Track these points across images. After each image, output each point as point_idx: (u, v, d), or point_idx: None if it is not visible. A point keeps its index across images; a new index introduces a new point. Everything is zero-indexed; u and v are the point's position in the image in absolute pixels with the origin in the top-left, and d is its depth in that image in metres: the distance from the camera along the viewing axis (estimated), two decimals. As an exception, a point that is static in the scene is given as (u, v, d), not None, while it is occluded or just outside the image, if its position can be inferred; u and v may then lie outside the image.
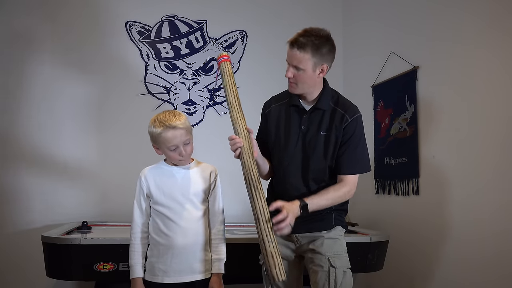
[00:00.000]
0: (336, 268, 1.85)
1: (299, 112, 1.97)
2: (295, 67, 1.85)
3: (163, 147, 1.82)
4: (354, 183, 1.93)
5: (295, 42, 1.83)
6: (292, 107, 1.98)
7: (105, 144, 3.29)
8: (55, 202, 3.14)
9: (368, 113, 3.25)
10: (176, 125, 1.78)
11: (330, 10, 3.80)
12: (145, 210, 1.86)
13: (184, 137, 1.81)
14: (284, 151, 1.96)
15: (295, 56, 1.84)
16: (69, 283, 3.05)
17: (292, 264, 1.99)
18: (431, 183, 2.70)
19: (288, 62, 1.88)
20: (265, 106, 2.09)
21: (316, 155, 1.91)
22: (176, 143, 1.80)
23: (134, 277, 1.82)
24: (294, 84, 1.90)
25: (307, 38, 1.82)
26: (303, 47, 1.81)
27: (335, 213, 1.97)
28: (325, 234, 1.93)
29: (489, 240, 2.28)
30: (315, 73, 1.87)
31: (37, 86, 3.21)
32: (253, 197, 1.77)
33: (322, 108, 1.93)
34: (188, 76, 3.51)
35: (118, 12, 3.40)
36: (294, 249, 1.99)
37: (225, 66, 2.01)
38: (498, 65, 2.28)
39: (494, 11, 2.31)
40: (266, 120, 2.05)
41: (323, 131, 1.91)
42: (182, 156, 1.83)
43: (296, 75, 1.87)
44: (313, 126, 1.93)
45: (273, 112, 2.03)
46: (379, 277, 3.00)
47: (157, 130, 1.79)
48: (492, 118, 2.30)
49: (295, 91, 1.94)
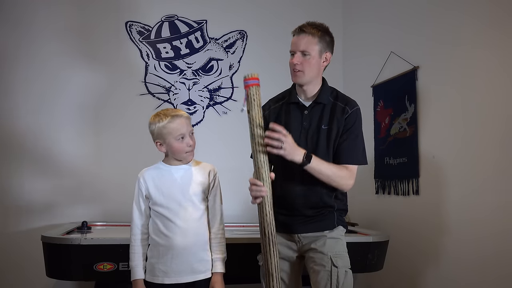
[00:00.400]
0: (338, 268, 1.85)
1: (300, 109, 1.97)
2: (302, 52, 1.87)
3: (169, 138, 1.80)
4: (354, 174, 1.92)
5: (302, 28, 1.88)
6: (291, 105, 1.98)
7: (105, 144, 3.29)
8: (55, 202, 3.15)
9: (368, 113, 3.25)
10: (181, 114, 1.83)
11: (330, 10, 3.80)
12: (144, 212, 1.86)
13: (190, 126, 1.83)
14: None
15: (302, 40, 1.87)
16: (69, 283, 3.05)
17: (292, 265, 1.99)
18: (431, 183, 2.70)
19: (294, 49, 1.89)
20: (263, 108, 2.03)
21: (320, 150, 1.91)
22: (184, 132, 1.80)
23: (135, 279, 1.82)
24: (301, 72, 1.90)
25: (313, 26, 1.89)
26: (311, 32, 1.87)
27: (337, 213, 1.97)
28: (327, 234, 1.93)
29: (489, 239, 2.28)
30: (320, 60, 1.91)
31: (36, 86, 3.22)
32: (270, 253, 1.75)
33: (323, 102, 1.94)
34: (188, 76, 3.51)
35: (118, 12, 3.40)
36: (295, 249, 1.98)
37: (255, 92, 1.76)
38: (497, 65, 2.28)
39: (494, 12, 2.31)
40: (267, 122, 2.00)
41: (325, 125, 1.92)
42: (189, 147, 1.82)
43: (303, 61, 1.88)
44: (314, 121, 1.94)
45: (272, 113, 2.02)
46: (379, 277, 3.00)
47: (162, 122, 1.79)
48: (492, 118, 2.30)
49: (301, 80, 1.92)
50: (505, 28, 2.24)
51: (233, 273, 1.94)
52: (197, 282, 1.81)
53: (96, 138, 3.29)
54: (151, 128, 1.83)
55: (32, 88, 3.21)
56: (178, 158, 1.86)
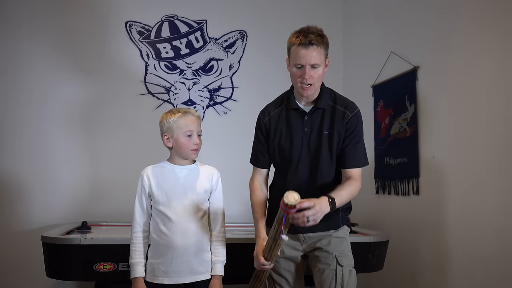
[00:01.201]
0: (343, 267, 1.86)
1: (300, 114, 1.95)
2: (312, 66, 1.81)
3: (178, 133, 1.82)
4: (360, 176, 1.92)
5: (310, 41, 1.77)
6: (291, 111, 1.96)
7: (105, 143, 3.29)
8: (55, 202, 3.15)
9: (368, 113, 3.25)
10: (193, 113, 1.88)
11: (330, 10, 3.79)
12: (146, 209, 1.86)
13: (199, 127, 1.86)
14: (289, 157, 1.93)
15: (313, 53, 1.78)
16: (69, 283, 3.05)
17: (297, 265, 1.99)
18: (431, 183, 2.70)
19: (303, 63, 1.80)
20: (263, 114, 2.02)
21: (322, 156, 1.90)
22: (192, 129, 1.83)
23: (135, 277, 1.81)
24: (312, 86, 1.84)
25: (318, 35, 1.80)
26: (319, 43, 1.79)
27: (342, 213, 1.97)
28: (332, 233, 1.93)
29: (489, 239, 2.27)
30: (325, 67, 1.87)
31: (36, 86, 3.22)
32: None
33: (323, 107, 1.92)
34: (188, 76, 3.51)
35: (118, 12, 3.40)
36: (300, 249, 1.97)
37: (291, 218, 1.66)
38: (497, 65, 2.27)
39: (493, 13, 2.31)
40: (267, 129, 1.99)
41: (326, 130, 1.91)
42: (195, 145, 1.84)
43: (313, 75, 1.81)
44: (315, 126, 1.92)
45: (272, 119, 1.99)
46: (379, 277, 2.99)
47: (174, 117, 1.83)
48: (491, 118, 2.30)
49: (310, 93, 1.87)
50: (505, 30, 2.24)
51: (232, 273, 1.95)
52: (196, 283, 1.81)
53: (96, 138, 3.29)
54: (163, 121, 1.86)
55: (33, 88, 3.21)
56: (183, 155, 1.87)
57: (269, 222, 1.96)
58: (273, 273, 1.97)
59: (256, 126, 2.05)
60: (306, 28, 1.83)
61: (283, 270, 1.97)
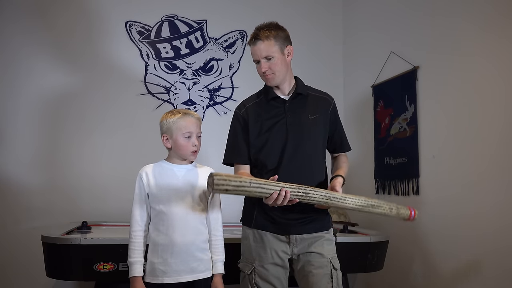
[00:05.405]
0: (337, 270, 1.87)
1: (280, 103, 1.97)
2: (265, 58, 1.89)
3: (177, 134, 1.83)
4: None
5: (255, 37, 1.90)
6: (271, 101, 1.98)
7: (105, 143, 3.29)
8: (55, 202, 3.15)
9: (368, 113, 3.25)
10: (193, 114, 1.88)
11: (330, 10, 3.79)
12: (145, 208, 1.85)
13: (198, 128, 1.87)
14: (275, 144, 1.91)
15: (261, 47, 1.88)
16: (69, 283, 3.05)
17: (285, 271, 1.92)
18: (431, 183, 2.70)
19: (257, 58, 1.91)
20: (239, 109, 2.02)
21: (307, 140, 1.92)
22: (192, 131, 1.84)
23: (134, 276, 1.79)
24: (272, 75, 1.92)
25: (264, 29, 1.90)
26: (265, 36, 1.88)
27: (329, 215, 1.99)
28: (325, 235, 1.92)
29: (489, 239, 2.28)
30: (285, 56, 1.93)
31: (36, 85, 3.22)
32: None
33: (303, 93, 1.97)
34: (188, 76, 3.51)
35: (118, 12, 3.40)
36: (288, 253, 1.91)
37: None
38: (497, 65, 2.28)
39: (493, 13, 2.31)
40: (245, 120, 1.98)
41: (310, 115, 1.95)
42: (194, 146, 1.84)
43: (270, 66, 1.90)
44: (298, 111, 1.95)
45: (250, 110, 1.99)
46: (379, 277, 2.99)
47: (174, 118, 1.84)
48: (491, 118, 2.30)
49: (275, 82, 1.94)
50: (504, 30, 2.24)
51: (231, 273, 1.94)
52: (196, 282, 1.80)
53: (96, 138, 3.29)
54: (163, 122, 1.86)
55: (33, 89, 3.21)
56: (181, 156, 1.87)
57: (245, 221, 1.97)
58: (259, 280, 1.87)
59: (231, 122, 2.03)
60: (258, 26, 1.94)
61: (271, 277, 1.87)
